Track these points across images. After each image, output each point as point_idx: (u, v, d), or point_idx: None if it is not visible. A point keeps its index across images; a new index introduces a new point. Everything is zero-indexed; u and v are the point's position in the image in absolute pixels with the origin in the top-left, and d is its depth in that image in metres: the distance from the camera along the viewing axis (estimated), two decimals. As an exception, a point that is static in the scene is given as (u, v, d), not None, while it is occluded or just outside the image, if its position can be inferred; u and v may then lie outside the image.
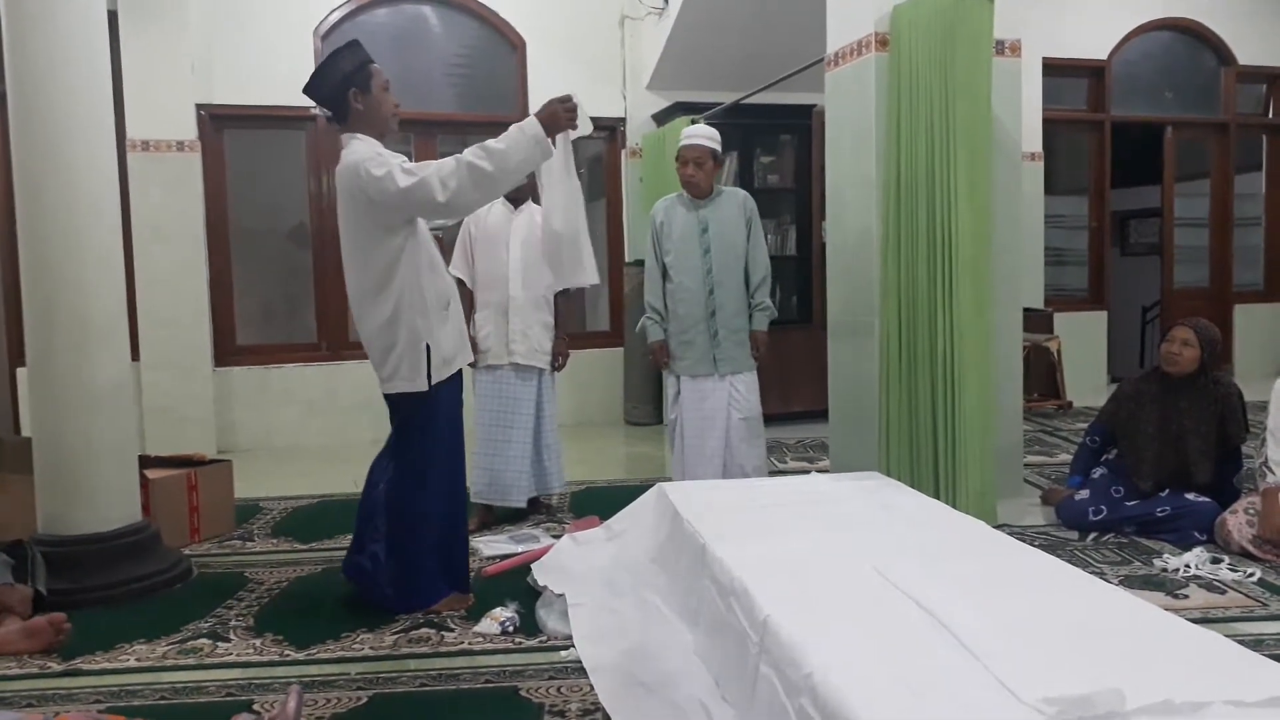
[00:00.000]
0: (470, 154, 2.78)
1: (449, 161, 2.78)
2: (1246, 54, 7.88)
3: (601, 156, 7.12)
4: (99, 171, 3.27)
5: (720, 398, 3.91)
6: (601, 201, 7.21)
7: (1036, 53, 6.71)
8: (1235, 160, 8.05)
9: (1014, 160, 4.17)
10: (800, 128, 6.47)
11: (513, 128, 2.84)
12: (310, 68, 6.03)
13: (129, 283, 3.49)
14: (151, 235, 5.77)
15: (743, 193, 4.05)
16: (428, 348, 2.93)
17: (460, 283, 4.11)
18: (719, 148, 3.93)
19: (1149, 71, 7.79)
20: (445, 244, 5.85)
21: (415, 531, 3.00)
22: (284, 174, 6.48)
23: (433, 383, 2.95)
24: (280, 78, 6.12)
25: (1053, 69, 7.13)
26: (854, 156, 4.20)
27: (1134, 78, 7.75)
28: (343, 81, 2.89)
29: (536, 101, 6.55)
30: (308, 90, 2.95)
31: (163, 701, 2.42)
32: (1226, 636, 1.86)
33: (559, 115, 2.89)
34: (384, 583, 3.01)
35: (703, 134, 3.92)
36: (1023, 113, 4.32)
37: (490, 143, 2.81)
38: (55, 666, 2.66)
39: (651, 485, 3.25)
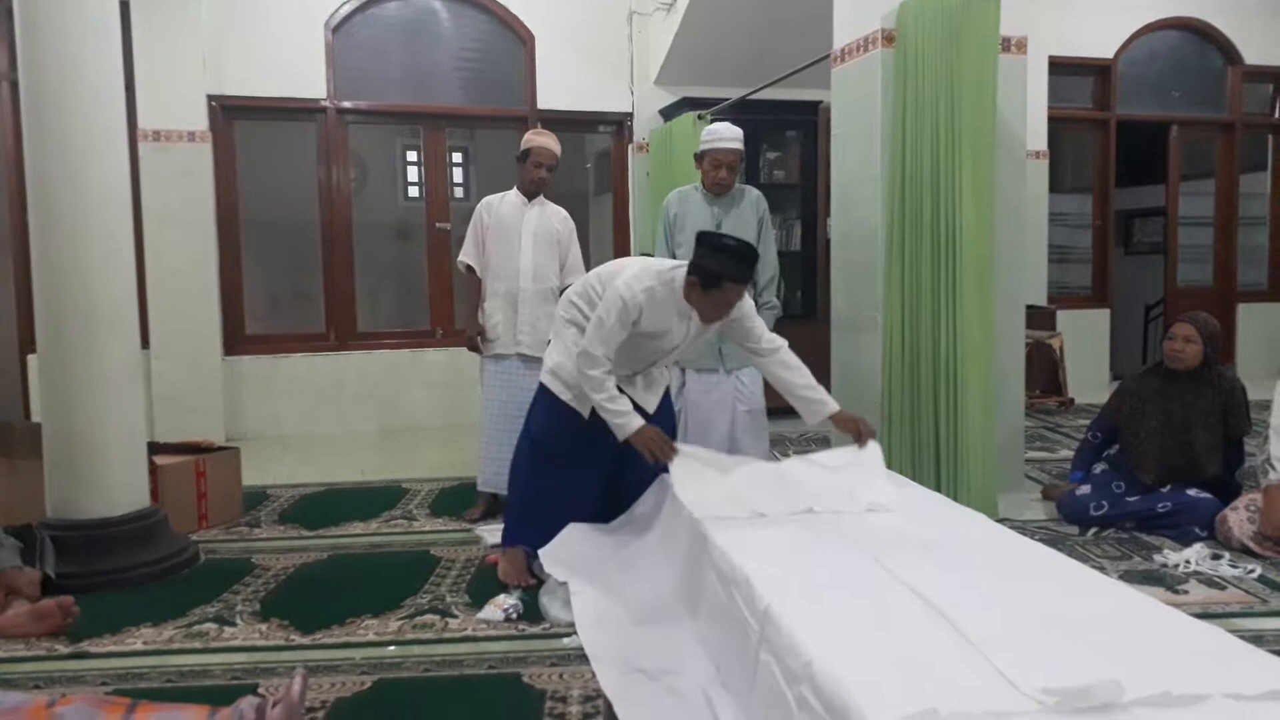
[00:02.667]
0: (597, 375, 2.96)
1: (597, 354, 2.95)
2: (1253, 53, 7.87)
3: (609, 151, 7.14)
4: (110, 161, 3.29)
5: (725, 391, 3.93)
6: (608, 196, 7.22)
7: (1043, 51, 6.71)
8: (1241, 160, 8.04)
9: (1019, 158, 4.17)
10: (806, 124, 6.48)
11: (618, 416, 2.98)
12: (320, 59, 6.16)
13: (139, 271, 3.51)
14: (162, 225, 5.80)
15: (756, 191, 4.07)
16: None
17: (471, 270, 4.15)
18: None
19: (1155, 70, 7.78)
20: (458, 234, 5.87)
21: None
22: (294, 165, 6.51)
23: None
24: (291, 70, 6.16)
25: (1059, 67, 7.12)
26: (859, 153, 4.21)
27: (1140, 76, 7.74)
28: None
29: (545, 96, 6.65)
30: None
31: (169, 685, 2.44)
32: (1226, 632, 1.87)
33: (641, 444, 2.97)
34: None
35: (735, 136, 3.92)
36: (1028, 110, 4.32)
37: (608, 389, 2.98)
38: (62, 649, 2.69)
39: (654, 476, 3.27)
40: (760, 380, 4.00)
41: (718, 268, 2.91)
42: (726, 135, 3.93)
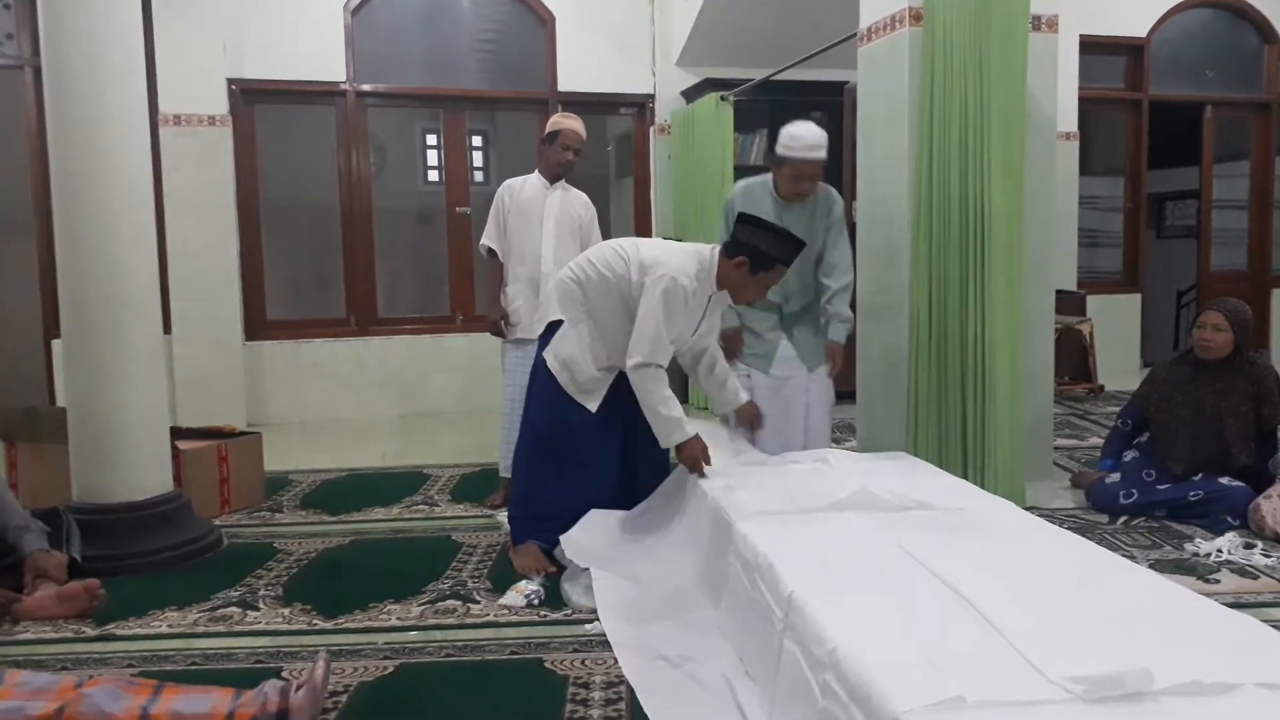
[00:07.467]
0: (654, 379, 2.99)
1: (660, 360, 3.00)
2: (1289, 32, 7.71)
3: (630, 134, 7.10)
4: (131, 145, 3.29)
5: (798, 387, 3.66)
6: (629, 179, 7.18)
7: (1074, 30, 6.58)
8: (1276, 141, 7.89)
9: (1049, 139, 4.10)
10: (832, 105, 6.40)
11: (668, 423, 3.03)
12: (340, 42, 6.15)
13: (161, 256, 3.52)
14: (183, 209, 5.83)
15: (832, 192, 3.69)
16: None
17: (492, 254, 4.12)
18: None
19: (1189, 50, 7.63)
20: (478, 218, 5.85)
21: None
22: (314, 149, 6.51)
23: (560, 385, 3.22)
24: (311, 53, 6.16)
25: (1090, 46, 6.99)
26: (886, 134, 4.15)
27: (1173, 56, 7.59)
28: None
29: (565, 78, 6.62)
30: None
31: (193, 667, 2.46)
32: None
33: (689, 459, 3.03)
34: None
35: (820, 144, 3.49)
36: (1058, 91, 4.24)
37: (663, 393, 3.01)
38: (89, 631, 2.71)
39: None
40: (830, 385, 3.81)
41: (772, 249, 2.95)
42: (811, 142, 3.47)
